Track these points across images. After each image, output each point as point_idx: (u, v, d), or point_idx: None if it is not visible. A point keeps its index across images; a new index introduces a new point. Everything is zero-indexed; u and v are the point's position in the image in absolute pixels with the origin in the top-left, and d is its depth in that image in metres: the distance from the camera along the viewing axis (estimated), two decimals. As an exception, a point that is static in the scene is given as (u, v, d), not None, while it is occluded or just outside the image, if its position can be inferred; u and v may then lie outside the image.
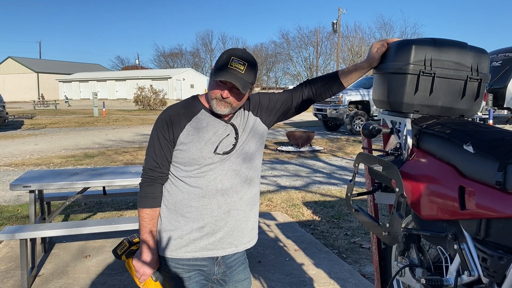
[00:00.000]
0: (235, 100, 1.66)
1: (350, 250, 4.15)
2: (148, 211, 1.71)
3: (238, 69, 1.61)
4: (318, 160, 9.61)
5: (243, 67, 1.61)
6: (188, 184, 1.69)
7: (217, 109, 1.66)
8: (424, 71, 1.65)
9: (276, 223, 4.96)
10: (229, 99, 1.64)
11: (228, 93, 1.63)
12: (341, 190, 6.65)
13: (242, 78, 1.61)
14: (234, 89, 1.63)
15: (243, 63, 1.61)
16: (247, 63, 1.63)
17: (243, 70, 1.61)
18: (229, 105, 1.66)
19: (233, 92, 1.64)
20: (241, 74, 1.61)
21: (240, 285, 1.83)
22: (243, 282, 1.85)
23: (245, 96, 1.70)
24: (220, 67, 1.61)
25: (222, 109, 1.66)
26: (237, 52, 1.65)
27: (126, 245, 1.78)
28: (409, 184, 1.60)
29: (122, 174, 3.87)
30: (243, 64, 1.61)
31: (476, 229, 1.36)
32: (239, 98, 1.66)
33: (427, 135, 1.62)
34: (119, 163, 8.84)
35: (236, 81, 1.59)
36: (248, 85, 1.64)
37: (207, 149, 1.67)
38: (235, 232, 1.75)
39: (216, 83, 1.63)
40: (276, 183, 7.21)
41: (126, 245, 1.78)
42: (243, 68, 1.61)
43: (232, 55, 1.62)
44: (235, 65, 1.60)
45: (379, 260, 2.03)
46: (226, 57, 1.62)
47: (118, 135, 14.36)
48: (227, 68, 1.60)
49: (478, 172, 1.35)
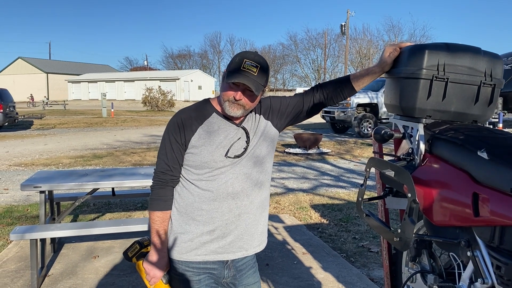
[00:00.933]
0: (248, 102, 1.66)
1: (359, 254, 4.13)
2: (159, 214, 1.71)
3: (251, 71, 1.61)
4: (326, 162, 9.58)
5: (256, 69, 1.62)
6: (199, 187, 1.70)
7: (229, 111, 1.66)
8: (437, 76, 1.64)
9: (284, 225, 4.95)
10: (242, 101, 1.64)
11: (241, 95, 1.63)
12: (349, 193, 6.63)
13: (255, 80, 1.61)
14: (247, 91, 1.64)
15: (255, 65, 1.62)
16: (260, 65, 1.63)
17: (256, 72, 1.62)
18: (241, 107, 1.66)
19: (246, 94, 1.64)
20: (254, 76, 1.61)
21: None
22: (253, 286, 1.84)
23: (257, 99, 1.71)
24: (233, 69, 1.62)
25: (235, 111, 1.66)
26: (250, 54, 1.65)
27: (137, 247, 1.79)
28: (421, 190, 1.58)
29: (132, 176, 3.89)
30: (255, 66, 1.62)
31: (490, 236, 1.35)
32: (251, 100, 1.67)
33: (440, 140, 1.61)
34: (127, 164, 8.89)
35: (250, 82, 1.60)
36: (261, 87, 1.65)
37: (219, 152, 1.68)
38: (245, 235, 1.75)
39: (229, 85, 1.64)
40: (284, 185, 7.20)
41: (137, 248, 1.79)
42: (255, 70, 1.62)
43: (245, 57, 1.63)
44: (248, 67, 1.61)
45: (390, 265, 2.01)
46: (238, 60, 1.63)
47: (126, 136, 14.44)
48: (240, 70, 1.61)
49: (493, 179, 1.33)
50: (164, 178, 1.71)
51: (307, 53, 63.14)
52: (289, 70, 66.87)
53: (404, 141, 1.86)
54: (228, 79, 1.61)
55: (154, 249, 1.72)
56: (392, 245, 2.00)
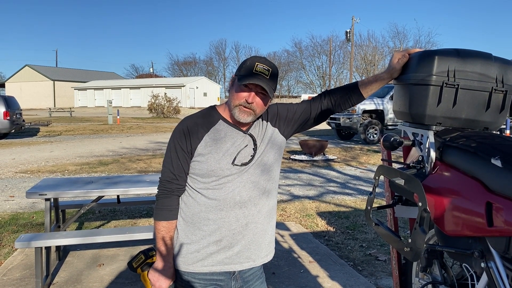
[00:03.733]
0: (259, 106, 1.64)
1: (366, 263, 4.07)
2: (165, 224, 1.68)
3: (264, 74, 1.61)
4: (332, 169, 9.53)
5: (268, 72, 1.62)
6: (205, 196, 1.67)
7: (239, 117, 1.64)
8: (448, 83, 1.61)
9: (290, 233, 4.90)
10: (253, 105, 1.62)
11: (254, 97, 1.61)
12: (356, 200, 6.57)
13: (267, 83, 1.60)
14: (260, 93, 1.63)
15: (267, 69, 1.62)
16: (271, 69, 1.63)
17: (268, 75, 1.62)
18: (252, 113, 1.64)
19: (258, 97, 1.63)
20: (266, 79, 1.60)
21: None
22: None
23: (267, 104, 1.69)
24: (245, 72, 1.60)
25: (246, 118, 1.64)
26: (260, 59, 1.64)
27: (142, 258, 1.76)
28: (432, 199, 1.55)
29: (137, 183, 3.87)
30: (267, 69, 1.62)
31: (505, 247, 1.31)
32: (263, 103, 1.65)
33: (451, 148, 1.57)
34: (133, 171, 8.88)
35: (264, 83, 1.59)
36: (272, 91, 1.64)
37: (225, 160, 1.65)
38: (252, 246, 1.71)
39: (241, 88, 1.62)
40: (290, 192, 7.16)
41: (142, 258, 1.76)
42: (268, 73, 1.62)
43: (256, 61, 1.62)
44: (260, 70, 1.60)
45: (399, 275, 1.97)
46: (250, 63, 1.62)
47: (132, 143, 14.47)
48: (253, 73, 1.59)
49: (507, 187, 1.29)
50: (170, 187, 1.69)
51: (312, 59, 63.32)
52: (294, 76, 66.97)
53: (413, 148, 1.82)
54: (240, 81, 1.59)
55: (160, 259, 1.69)
56: (402, 255, 1.96)
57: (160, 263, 1.69)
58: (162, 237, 1.68)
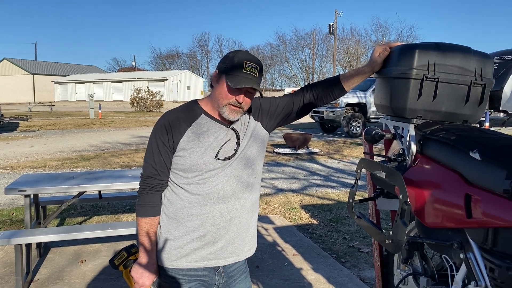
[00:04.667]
0: (247, 103, 1.65)
1: (349, 254, 4.12)
2: (147, 220, 1.66)
3: (253, 73, 1.60)
4: (315, 162, 9.59)
5: (256, 71, 1.61)
6: (188, 191, 1.65)
7: (229, 116, 1.63)
8: (428, 76, 1.63)
9: (274, 226, 4.92)
10: (243, 103, 1.62)
11: (244, 97, 1.61)
12: (339, 193, 6.63)
13: (258, 83, 1.60)
14: (248, 93, 1.62)
15: (255, 67, 1.61)
16: (259, 66, 1.62)
17: (257, 73, 1.61)
18: (241, 111, 1.65)
19: (247, 96, 1.63)
20: (256, 78, 1.60)
21: None
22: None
23: (252, 99, 1.69)
24: (235, 71, 1.58)
25: (235, 116, 1.64)
26: (248, 56, 1.63)
27: (124, 255, 1.74)
28: (413, 191, 1.57)
29: (119, 178, 3.83)
30: (255, 67, 1.61)
31: (483, 238, 1.33)
32: (251, 100, 1.66)
33: (431, 141, 1.59)
34: (115, 166, 8.78)
35: (256, 85, 1.59)
36: (261, 89, 1.64)
37: (208, 154, 1.64)
38: (236, 240, 1.71)
39: (230, 88, 1.60)
40: (274, 185, 7.18)
41: (124, 255, 1.74)
42: (256, 72, 1.61)
43: (245, 59, 1.60)
44: (250, 69, 1.59)
45: (381, 267, 1.99)
46: (238, 62, 1.59)
47: (114, 137, 14.29)
48: (243, 73, 1.58)
49: (485, 180, 1.32)
50: (152, 182, 1.67)
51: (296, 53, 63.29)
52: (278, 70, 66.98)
53: (394, 141, 1.84)
54: (234, 84, 1.56)
55: (143, 256, 1.67)
56: (384, 247, 1.98)
57: (143, 259, 1.67)
58: (144, 234, 1.66)
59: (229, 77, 1.58)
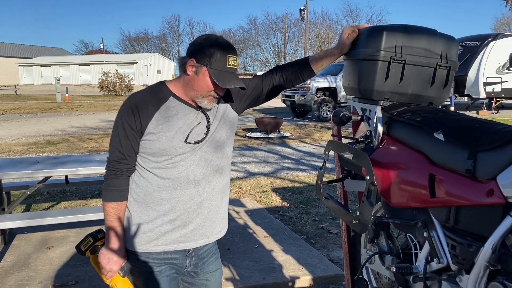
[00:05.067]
0: (224, 91, 1.64)
1: (318, 236, 4.20)
2: (114, 205, 1.62)
3: (235, 67, 1.58)
4: (287, 146, 9.65)
5: (236, 63, 1.59)
6: (158, 176, 1.62)
7: (207, 105, 1.62)
8: (395, 58, 1.64)
9: (245, 209, 4.95)
10: (221, 93, 1.62)
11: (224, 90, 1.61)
12: (309, 176, 6.71)
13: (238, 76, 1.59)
14: None
15: (235, 58, 1.58)
16: (237, 56, 1.60)
17: (237, 65, 1.59)
18: (218, 99, 1.64)
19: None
20: (236, 70, 1.59)
21: (211, 276, 1.80)
22: (215, 273, 1.81)
23: None
24: (218, 66, 1.55)
25: (213, 105, 1.64)
26: (229, 47, 1.59)
27: (91, 240, 1.69)
28: (379, 172, 1.59)
29: (86, 163, 3.73)
30: (236, 59, 1.58)
31: (445, 216, 1.37)
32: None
33: (397, 122, 1.61)
34: (83, 151, 8.57)
35: (241, 82, 1.59)
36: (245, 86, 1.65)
37: (178, 138, 1.60)
38: (207, 223, 1.71)
39: (214, 83, 1.56)
40: (245, 169, 7.19)
41: (91, 241, 1.69)
42: (237, 63, 1.59)
43: (227, 52, 1.56)
44: (232, 63, 1.57)
45: (349, 247, 2.03)
46: (221, 56, 1.55)
47: (82, 122, 13.93)
48: (227, 68, 1.56)
49: (448, 160, 1.35)
50: (119, 167, 1.62)
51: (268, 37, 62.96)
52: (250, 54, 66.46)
53: (362, 123, 1.86)
54: (221, 82, 1.54)
55: (110, 241, 1.63)
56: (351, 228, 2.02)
57: (110, 245, 1.63)
58: (111, 219, 1.63)
59: (214, 72, 1.54)
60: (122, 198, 1.64)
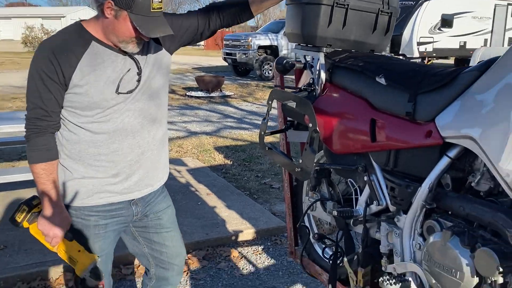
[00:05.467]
0: None
1: (261, 191, 4.25)
2: (43, 166, 1.47)
3: (160, 9, 1.43)
4: (229, 105, 9.56)
5: (162, 4, 1.42)
6: (91, 131, 1.49)
7: (133, 50, 1.48)
8: (338, 2, 1.59)
9: (187, 168, 4.87)
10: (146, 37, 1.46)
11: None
12: (252, 134, 6.72)
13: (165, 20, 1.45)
14: None
15: (160, 0, 1.42)
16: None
17: (162, 7, 1.43)
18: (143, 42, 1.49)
19: None
20: (162, 13, 1.45)
21: (163, 214, 1.75)
22: (166, 210, 1.77)
23: None
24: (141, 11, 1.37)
25: (139, 49, 1.49)
26: None
27: (26, 209, 1.52)
28: (321, 119, 1.57)
29: (9, 120, 3.42)
30: (160, 1, 1.42)
31: (385, 160, 1.39)
32: None
33: (340, 69, 1.59)
34: (7, 111, 7.93)
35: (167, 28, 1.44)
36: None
37: (109, 89, 1.47)
38: (150, 172, 1.64)
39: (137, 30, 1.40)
40: (186, 129, 7.04)
41: (26, 209, 1.52)
42: (162, 5, 1.43)
43: None
44: (157, 6, 1.41)
45: (291, 197, 2.05)
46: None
47: (5, 80, 12.81)
48: (151, 13, 1.39)
49: (389, 104, 1.35)
50: (41, 124, 1.45)
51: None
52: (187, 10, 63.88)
53: (305, 71, 1.82)
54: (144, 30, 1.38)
55: (47, 205, 1.49)
56: (294, 177, 2.03)
57: (49, 209, 1.49)
58: (44, 182, 1.47)
59: (136, 18, 1.37)
60: (51, 157, 1.49)
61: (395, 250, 1.38)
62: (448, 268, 1.13)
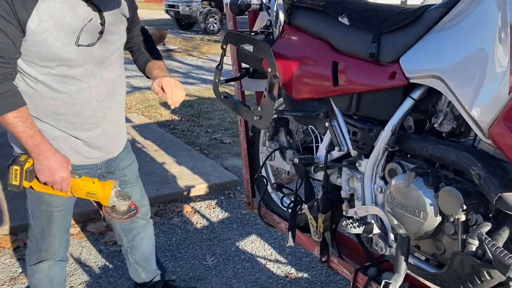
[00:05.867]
0: None
1: (212, 146, 4.18)
2: (15, 114, 1.30)
3: None
4: (173, 59, 9.20)
5: None
6: (52, 88, 1.36)
7: None
8: None
9: (132, 125, 4.66)
10: None
11: None
12: (199, 89, 6.53)
13: None
14: None
15: None
16: None
17: None
18: None
19: None
20: None
21: (128, 171, 1.71)
22: (130, 167, 1.73)
23: None
24: None
25: None
26: None
27: (17, 169, 1.36)
28: (280, 64, 1.49)
29: None
30: None
31: (347, 104, 1.35)
32: None
33: (299, 9, 1.50)
34: None
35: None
36: None
37: (68, 40, 1.32)
38: (112, 138, 1.57)
39: None
40: (129, 84, 6.70)
41: (18, 169, 1.36)
42: None
43: None
44: None
45: (247, 147, 1.99)
46: None
47: None
48: None
49: (353, 45, 1.30)
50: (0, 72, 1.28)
51: None
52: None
53: (261, 13, 1.72)
54: None
55: (38, 154, 1.36)
56: (250, 126, 1.96)
57: (41, 156, 1.36)
58: (24, 130, 1.32)
59: None
60: (20, 102, 1.32)
61: (356, 195, 1.37)
62: (411, 209, 1.14)
